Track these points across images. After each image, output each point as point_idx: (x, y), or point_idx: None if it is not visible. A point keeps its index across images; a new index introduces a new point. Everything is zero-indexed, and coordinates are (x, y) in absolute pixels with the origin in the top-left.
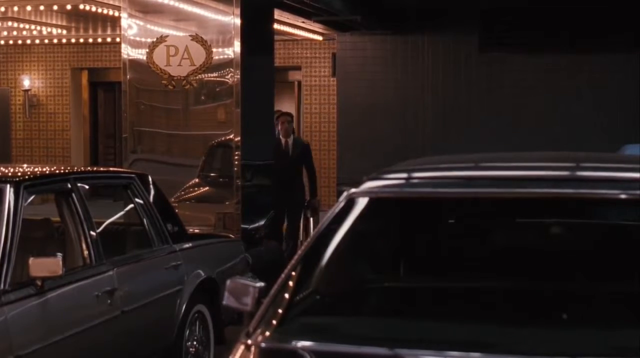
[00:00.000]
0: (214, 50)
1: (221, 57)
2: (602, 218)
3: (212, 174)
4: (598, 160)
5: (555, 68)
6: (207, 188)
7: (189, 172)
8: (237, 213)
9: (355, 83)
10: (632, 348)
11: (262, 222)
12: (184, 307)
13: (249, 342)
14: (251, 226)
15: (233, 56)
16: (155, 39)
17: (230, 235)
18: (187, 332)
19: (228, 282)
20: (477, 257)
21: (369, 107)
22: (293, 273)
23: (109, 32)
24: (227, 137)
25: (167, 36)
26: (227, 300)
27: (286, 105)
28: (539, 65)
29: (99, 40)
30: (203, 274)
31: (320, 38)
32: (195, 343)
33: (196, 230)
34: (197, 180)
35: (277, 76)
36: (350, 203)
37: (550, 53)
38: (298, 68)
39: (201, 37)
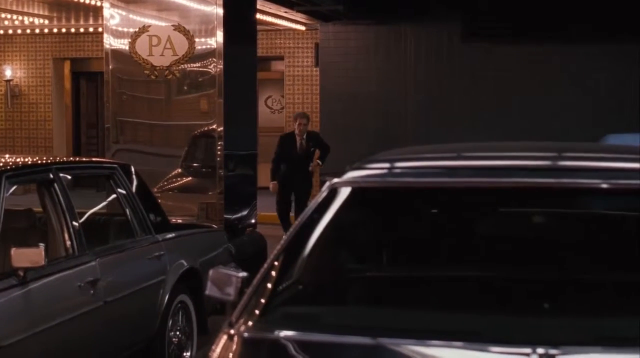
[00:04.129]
0: (197, 40)
1: (204, 47)
2: (587, 207)
3: (194, 164)
4: (580, 149)
5: (540, 58)
6: (189, 178)
7: (172, 162)
8: (220, 204)
9: (338, 73)
10: (614, 337)
11: (245, 212)
12: (166, 297)
13: (232, 331)
14: (234, 216)
15: (216, 46)
16: (137, 29)
17: (213, 226)
18: (170, 322)
19: (211, 271)
20: (460, 247)
21: (352, 97)
22: (276, 263)
23: (91, 22)
24: (210, 127)
25: (149, 26)
26: (210, 290)
27: None
28: (523, 55)
29: (81, 30)
30: (186, 264)
31: (303, 28)
32: (178, 333)
33: (179, 221)
34: (179, 170)
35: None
36: (332, 193)
37: (534, 43)
38: (281, 58)
39: (183, 27)
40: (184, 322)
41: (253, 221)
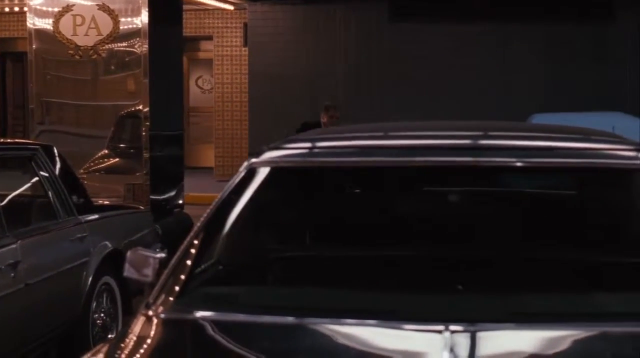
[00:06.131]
0: (121, 19)
1: (129, 26)
2: (506, 186)
3: (121, 145)
4: (499, 128)
5: (467, 38)
6: (116, 159)
7: (99, 143)
8: (147, 184)
9: (267, 53)
10: (527, 313)
11: (172, 193)
12: (90, 279)
13: (150, 313)
14: (161, 197)
15: (140, 26)
16: (61, 8)
17: (140, 207)
18: (94, 304)
19: (128, 253)
20: (382, 226)
21: (281, 77)
22: (194, 243)
23: (16, 1)
24: (136, 108)
25: (73, 5)
26: (128, 271)
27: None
28: (450, 35)
29: (6, 9)
30: (110, 246)
31: (231, 8)
32: (102, 315)
33: (106, 202)
34: (106, 151)
35: (187, 46)
36: (251, 173)
37: (462, 23)
38: (210, 38)
39: (108, 7)
40: (108, 303)
41: (180, 202)
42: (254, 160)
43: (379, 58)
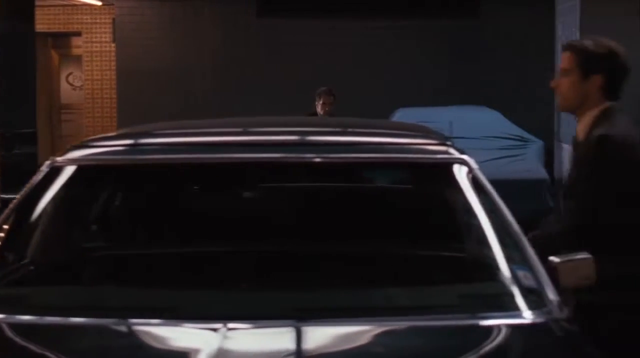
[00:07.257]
0: None
1: None
2: (350, 181)
3: None
4: (321, 125)
5: (337, 33)
6: None
7: None
8: None
9: (135, 49)
10: (312, 309)
11: None
12: None
13: None
14: (15, 196)
15: None
16: None
17: None
18: None
19: None
20: (194, 223)
21: (149, 73)
22: None
23: None
24: None
25: None
26: None
27: None
28: (318, 31)
29: None
30: None
31: (99, 3)
32: None
33: None
34: None
35: (57, 43)
36: (54, 172)
37: (332, 18)
38: (78, 34)
39: None
40: None
41: None
42: (56, 158)
43: (247, 54)
